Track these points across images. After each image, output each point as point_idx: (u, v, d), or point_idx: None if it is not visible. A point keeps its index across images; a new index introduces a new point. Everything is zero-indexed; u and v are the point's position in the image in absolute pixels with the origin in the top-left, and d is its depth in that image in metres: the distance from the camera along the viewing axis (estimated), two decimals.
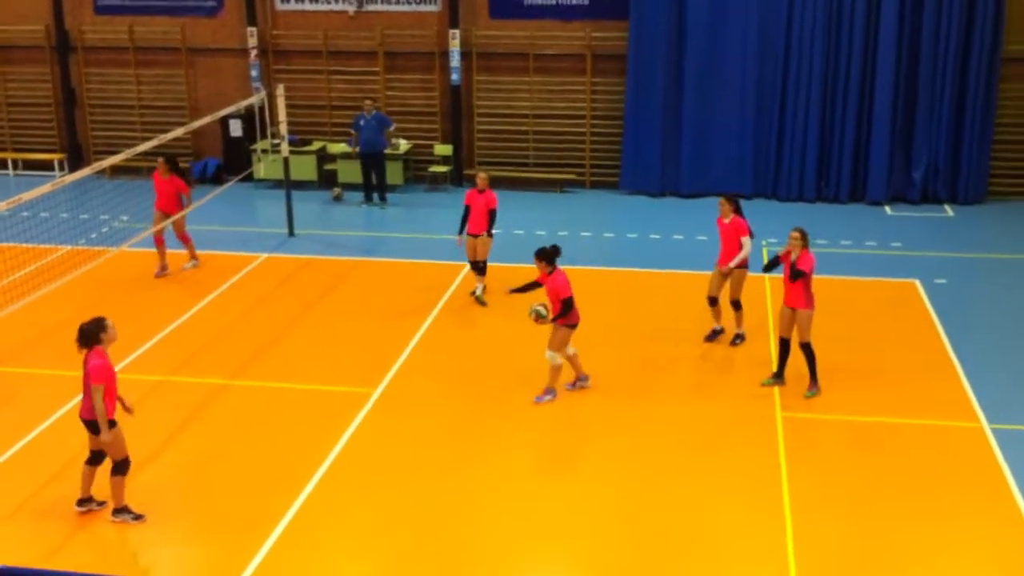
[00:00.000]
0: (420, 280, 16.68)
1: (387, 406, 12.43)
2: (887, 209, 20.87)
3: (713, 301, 14.07)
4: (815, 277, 12.49)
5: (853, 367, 13.39)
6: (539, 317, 12.23)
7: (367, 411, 12.26)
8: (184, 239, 17.20)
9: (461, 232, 15.80)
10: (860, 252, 18.12)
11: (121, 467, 9.95)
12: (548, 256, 12.30)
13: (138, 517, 10.05)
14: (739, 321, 14.16)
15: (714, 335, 14.26)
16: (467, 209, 15.67)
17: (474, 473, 10.98)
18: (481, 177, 15.81)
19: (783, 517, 10.06)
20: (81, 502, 10.18)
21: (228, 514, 10.17)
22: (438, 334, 14.62)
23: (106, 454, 10.03)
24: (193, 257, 17.34)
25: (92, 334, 9.77)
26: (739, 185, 21.50)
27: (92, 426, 9.85)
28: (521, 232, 19.12)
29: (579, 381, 12.79)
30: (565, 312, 12.15)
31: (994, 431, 11.69)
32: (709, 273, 14.71)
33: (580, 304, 14.96)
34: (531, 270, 16.23)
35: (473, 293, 15.81)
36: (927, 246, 18.41)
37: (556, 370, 12.41)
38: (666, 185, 21.85)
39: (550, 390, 12.47)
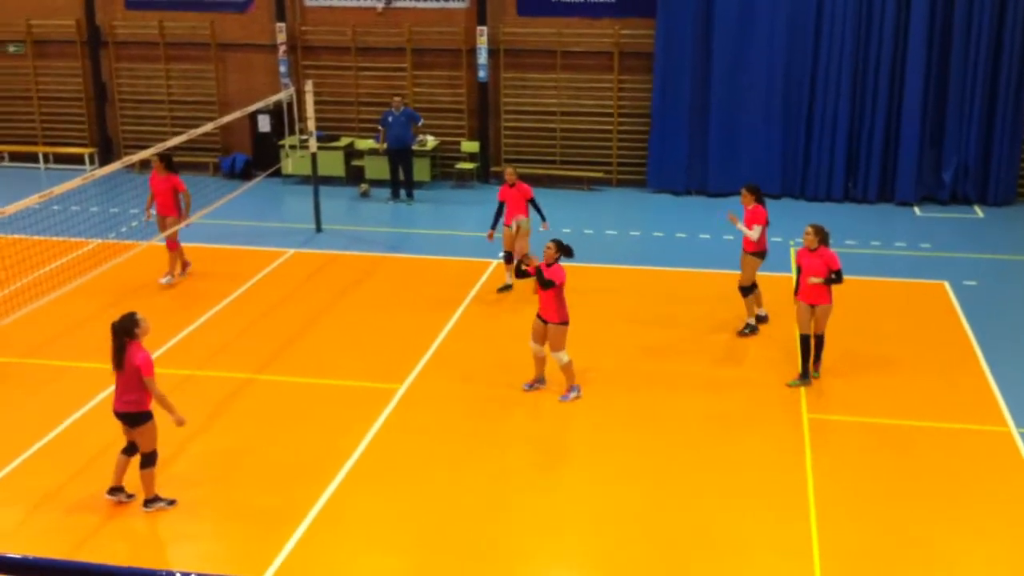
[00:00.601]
0: (447, 276, 16.72)
1: (413, 402, 12.48)
2: (916, 210, 20.74)
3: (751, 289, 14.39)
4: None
5: (881, 369, 13.33)
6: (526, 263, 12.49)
7: (393, 407, 12.31)
8: (172, 247, 16.27)
9: (494, 227, 15.81)
10: (889, 253, 18.01)
11: (150, 459, 10.05)
12: (564, 248, 12.45)
13: (171, 502, 10.19)
14: (749, 309, 14.32)
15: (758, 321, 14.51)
16: (501, 205, 15.72)
17: (499, 469, 11.00)
18: (508, 172, 15.87)
19: (808, 520, 10.03)
20: (112, 491, 10.28)
21: (255, 508, 10.24)
22: (464, 330, 14.65)
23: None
24: (170, 273, 16.36)
25: (127, 329, 9.88)
26: (767, 184, 21.27)
27: (128, 419, 9.96)
28: (547, 228, 19.08)
29: (536, 383, 12.76)
30: (544, 283, 12.28)
31: (1022, 434, 11.60)
32: (735, 272, 14.75)
33: (608, 302, 14.94)
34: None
35: (505, 287, 15.85)
36: (957, 247, 18.29)
37: (568, 368, 12.46)
38: (693, 184, 21.80)
39: (573, 387, 12.51)
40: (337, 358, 13.73)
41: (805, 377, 12.82)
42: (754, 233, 13.91)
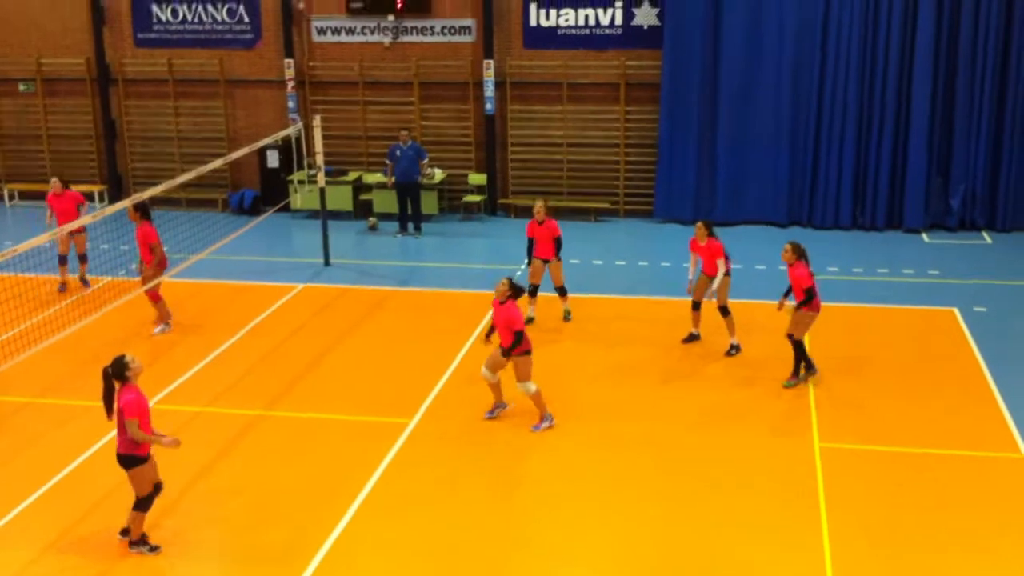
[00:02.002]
0: (455, 309, 16.73)
1: (423, 436, 12.45)
2: (924, 236, 20.72)
3: (696, 306, 15.07)
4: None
5: (891, 396, 13.29)
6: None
7: (403, 441, 12.29)
8: (153, 298, 15.72)
9: (529, 262, 16.01)
10: (898, 280, 17.99)
11: (142, 504, 10.01)
12: (516, 288, 12.41)
13: (154, 548, 10.10)
14: (731, 329, 14.77)
15: (690, 339, 15.12)
16: (531, 241, 15.90)
17: (510, 503, 10.96)
18: (538, 207, 15.89)
19: (822, 551, 9.97)
20: (125, 531, 10.26)
21: (264, 545, 10.21)
22: (474, 363, 14.62)
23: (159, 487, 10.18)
24: (163, 322, 15.81)
25: (118, 373, 9.93)
26: (774, 213, 21.49)
27: (120, 461, 9.97)
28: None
29: (497, 407, 12.87)
30: (517, 343, 12.25)
31: None
32: (745, 301, 14.83)
33: (619, 333, 14.99)
34: (556, 299, 16.26)
35: (528, 320, 15.88)
36: (966, 274, 18.26)
37: (538, 396, 12.50)
38: (700, 213, 21.72)
39: (545, 417, 12.57)
40: (347, 393, 13.73)
41: (796, 374, 13.63)
42: (721, 272, 14.56)
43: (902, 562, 9.80)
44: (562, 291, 16.09)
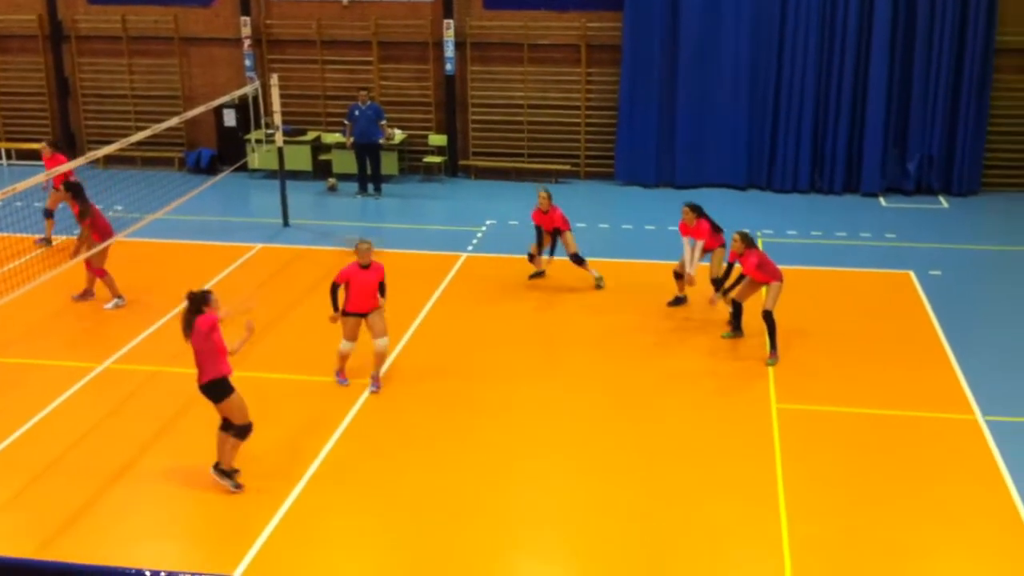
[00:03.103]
0: (415, 271, 16.66)
1: (383, 396, 12.43)
2: (881, 200, 20.89)
3: (678, 275, 15.02)
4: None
5: (847, 358, 13.43)
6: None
7: (363, 402, 12.26)
8: (97, 272, 15.16)
9: (540, 253, 16.02)
10: (855, 243, 18.14)
11: (241, 431, 10.26)
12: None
13: (238, 486, 10.29)
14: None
15: (677, 302, 15.16)
16: (539, 228, 15.91)
17: (470, 463, 10.99)
18: (542, 196, 15.80)
19: (778, 509, 10.09)
20: (225, 474, 10.42)
21: (226, 505, 10.17)
22: (435, 324, 14.62)
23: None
24: (116, 295, 15.26)
25: (199, 305, 10.29)
26: (733, 176, 21.55)
27: (211, 392, 10.17)
28: (516, 223, 19.09)
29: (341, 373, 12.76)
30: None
31: (988, 423, 11.73)
32: (704, 264, 14.84)
33: (579, 296, 15.06)
34: (520, 260, 16.28)
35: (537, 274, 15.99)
36: (922, 237, 18.44)
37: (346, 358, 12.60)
38: (661, 176, 21.85)
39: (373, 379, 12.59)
40: (306, 353, 13.65)
41: (738, 330, 13.95)
42: (699, 247, 14.56)
43: (856, 518, 9.94)
44: (578, 259, 15.80)
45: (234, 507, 10.10)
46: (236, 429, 10.28)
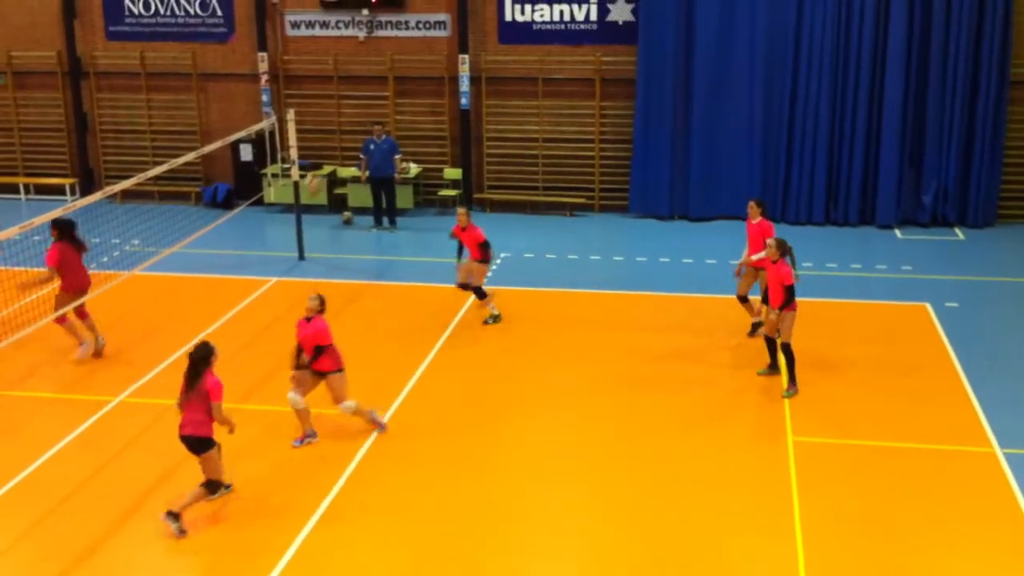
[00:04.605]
0: (430, 304, 16.69)
1: (397, 430, 12.42)
2: (897, 232, 20.84)
3: (744, 300, 15.02)
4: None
5: (864, 391, 13.35)
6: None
7: (376, 435, 12.25)
8: (60, 320, 14.36)
9: (459, 258, 16.08)
10: (870, 275, 18.08)
11: (212, 486, 10.29)
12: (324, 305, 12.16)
13: (182, 532, 10.17)
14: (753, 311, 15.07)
15: (755, 329, 15.03)
16: (460, 242, 15.85)
17: (486, 499, 10.94)
18: (461, 213, 15.77)
19: (795, 542, 10.01)
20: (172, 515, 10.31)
21: (238, 538, 10.15)
22: (448, 357, 14.62)
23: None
24: (84, 340, 14.61)
25: (206, 359, 10.24)
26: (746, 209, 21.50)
27: (193, 444, 10.19)
28: (531, 255, 19.14)
29: (307, 437, 12.18)
30: (317, 357, 11.95)
31: (1006, 456, 11.62)
32: (720, 296, 14.84)
33: (594, 328, 15.04)
34: (535, 293, 16.28)
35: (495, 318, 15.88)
36: (938, 269, 18.37)
37: (360, 411, 12.17)
38: (675, 209, 21.87)
39: (309, 433, 12.15)
40: (319, 387, 13.63)
41: (774, 367, 13.64)
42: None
43: (873, 553, 9.85)
44: (479, 292, 15.79)
45: (248, 539, 10.06)
46: (209, 484, 10.27)
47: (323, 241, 20.38)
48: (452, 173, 22.71)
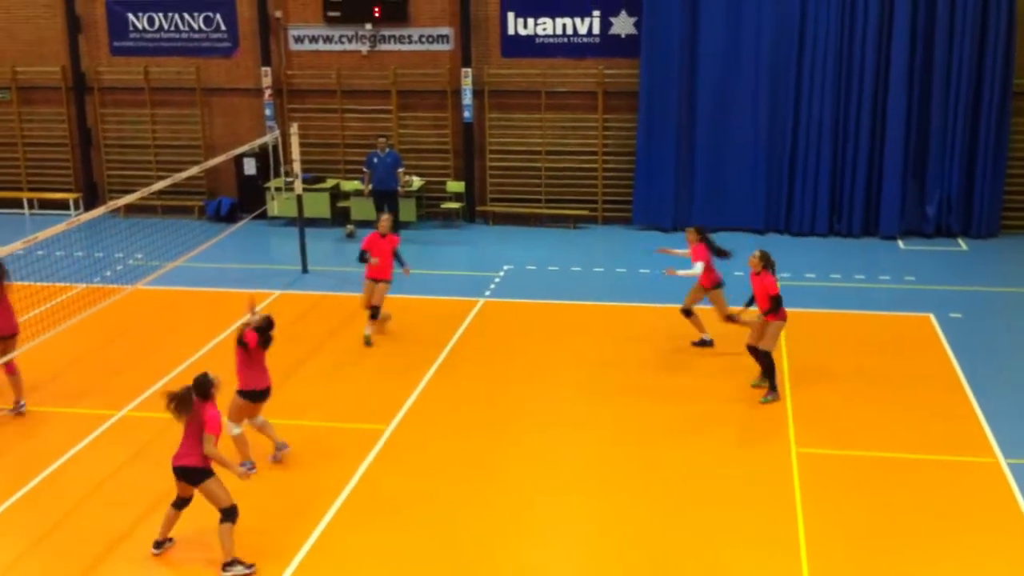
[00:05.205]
0: (433, 316, 16.70)
1: (400, 442, 12.41)
2: (900, 243, 20.84)
3: (687, 313, 15.24)
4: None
5: (868, 402, 13.33)
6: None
7: (380, 447, 12.24)
8: (8, 369, 13.06)
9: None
10: (874, 286, 18.07)
11: (229, 514, 9.81)
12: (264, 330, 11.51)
13: (249, 568, 9.79)
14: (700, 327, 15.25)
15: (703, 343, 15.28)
16: (364, 253, 15.49)
17: (489, 511, 10.92)
18: (384, 219, 15.69)
19: (799, 556, 9.97)
20: (158, 544, 10.08)
21: (244, 552, 10.12)
22: (452, 369, 14.61)
23: (189, 500, 10.04)
24: (17, 399, 13.19)
25: (204, 391, 9.90)
26: (752, 220, 21.56)
27: (186, 474, 9.81)
28: (534, 268, 19.14)
29: (278, 450, 11.93)
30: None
31: (1010, 466, 11.59)
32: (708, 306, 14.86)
33: (597, 339, 15.03)
34: (537, 305, 16.28)
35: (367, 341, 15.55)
36: (941, 280, 18.35)
37: (239, 440, 11.59)
38: (679, 220, 21.86)
39: (244, 463, 11.55)
40: (324, 399, 13.66)
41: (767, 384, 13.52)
42: (695, 270, 14.76)
43: (878, 566, 9.81)
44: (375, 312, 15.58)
45: (253, 553, 10.04)
46: (225, 514, 9.86)
47: (326, 254, 20.40)
48: (455, 186, 22.74)
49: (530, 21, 21.95)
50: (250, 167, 22.94)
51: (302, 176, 19.57)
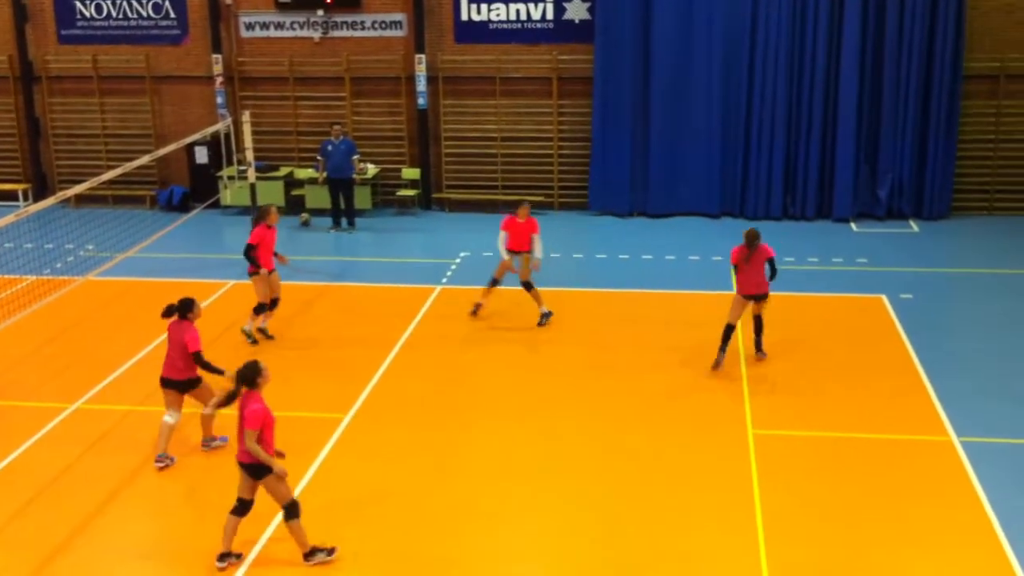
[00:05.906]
0: (390, 304, 16.64)
1: (359, 430, 12.36)
2: (853, 226, 21.04)
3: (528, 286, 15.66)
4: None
5: (821, 383, 13.46)
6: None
7: (338, 436, 12.19)
8: None
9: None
10: (827, 268, 18.24)
11: (291, 511, 9.53)
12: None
13: (331, 551, 9.64)
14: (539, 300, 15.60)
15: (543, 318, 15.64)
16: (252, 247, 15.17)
17: (447, 499, 10.92)
18: (272, 212, 15.49)
19: (756, 536, 10.06)
20: (222, 557, 9.66)
21: (200, 547, 10.05)
22: (410, 356, 14.57)
23: (251, 504, 9.67)
24: None
25: (250, 379, 9.50)
26: (707, 204, 21.67)
27: (250, 470, 9.47)
28: (490, 254, 19.08)
29: (216, 440, 11.97)
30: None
31: (963, 444, 11.76)
32: (678, 292, 14.88)
33: (553, 324, 15.07)
34: (493, 291, 16.27)
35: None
36: (893, 262, 18.56)
37: (167, 429, 11.56)
38: (634, 206, 21.95)
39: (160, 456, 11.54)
40: (281, 389, 13.49)
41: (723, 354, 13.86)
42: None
43: (834, 542, 9.92)
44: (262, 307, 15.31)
45: (211, 545, 9.96)
46: (287, 510, 9.54)
47: (281, 243, 20.04)
48: (410, 173, 22.66)
49: (483, 7, 21.89)
50: (202, 156, 22.70)
51: (255, 164, 19.40)
